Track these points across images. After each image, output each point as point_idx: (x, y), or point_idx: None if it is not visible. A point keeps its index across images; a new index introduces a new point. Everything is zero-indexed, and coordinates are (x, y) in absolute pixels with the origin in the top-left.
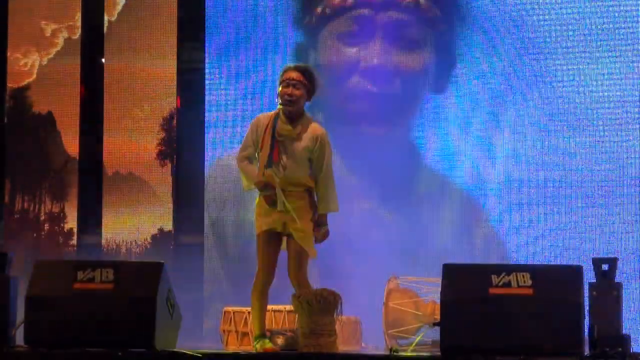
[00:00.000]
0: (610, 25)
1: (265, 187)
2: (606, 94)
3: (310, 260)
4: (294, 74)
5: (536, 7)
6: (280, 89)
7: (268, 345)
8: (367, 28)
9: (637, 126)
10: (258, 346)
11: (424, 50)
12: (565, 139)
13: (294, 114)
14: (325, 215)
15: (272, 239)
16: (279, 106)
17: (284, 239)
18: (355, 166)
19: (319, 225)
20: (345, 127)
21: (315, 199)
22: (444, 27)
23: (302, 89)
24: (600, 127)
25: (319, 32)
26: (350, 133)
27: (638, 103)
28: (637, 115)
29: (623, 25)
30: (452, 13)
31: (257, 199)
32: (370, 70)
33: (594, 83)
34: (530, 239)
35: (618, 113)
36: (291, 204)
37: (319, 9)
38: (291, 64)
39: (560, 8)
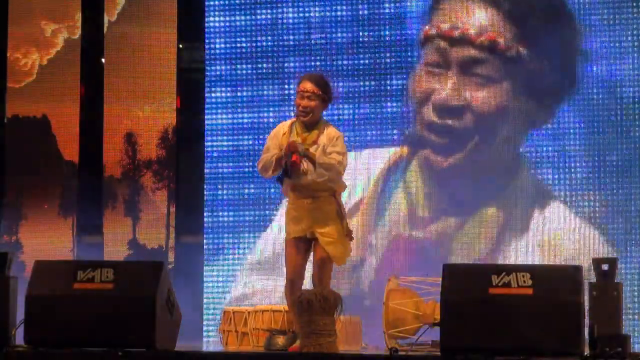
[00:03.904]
0: None
1: (287, 154)
2: None
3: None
4: (308, 86)
5: None
6: (296, 99)
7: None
8: (442, 60)
9: None
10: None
11: (500, 86)
12: None
13: (308, 123)
14: (313, 157)
15: (301, 244)
16: (294, 115)
17: (313, 243)
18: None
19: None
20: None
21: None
22: (531, 64)
23: (316, 100)
24: None
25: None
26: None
27: None
28: None
29: None
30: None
31: (287, 205)
32: (439, 103)
33: None
34: None
35: None
36: (317, 210)
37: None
38: (307, 74)
39: None
